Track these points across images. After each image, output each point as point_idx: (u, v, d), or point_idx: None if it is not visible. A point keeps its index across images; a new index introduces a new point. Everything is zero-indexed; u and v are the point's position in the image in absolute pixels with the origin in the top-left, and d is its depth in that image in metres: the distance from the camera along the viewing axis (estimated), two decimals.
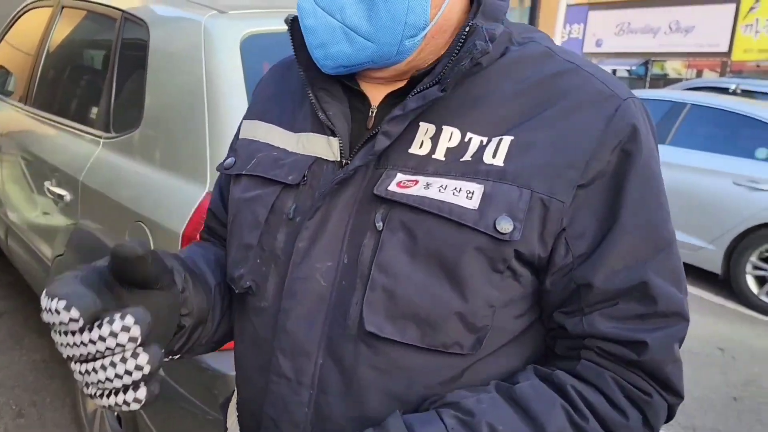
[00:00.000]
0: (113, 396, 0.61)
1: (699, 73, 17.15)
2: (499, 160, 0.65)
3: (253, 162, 0.80)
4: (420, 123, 0.69)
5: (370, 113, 0.73)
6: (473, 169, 0.66)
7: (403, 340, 0.66)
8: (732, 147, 4.91)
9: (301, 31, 0.73)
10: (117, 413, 2.08)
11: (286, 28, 0.78)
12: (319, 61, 0.70)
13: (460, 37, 0.68)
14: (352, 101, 0.75)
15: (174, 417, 1.74)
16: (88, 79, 2.55)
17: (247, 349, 0.79)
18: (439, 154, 0.68)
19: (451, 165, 0.67)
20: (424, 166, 0.68)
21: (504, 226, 0.63)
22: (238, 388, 0.84)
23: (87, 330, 0.59)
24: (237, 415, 0.85)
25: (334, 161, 0.73)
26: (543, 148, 0.65)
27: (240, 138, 0.87)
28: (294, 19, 0.76)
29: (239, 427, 0.84)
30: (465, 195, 0.65)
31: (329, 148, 0.73)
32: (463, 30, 0.68)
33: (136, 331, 0.58)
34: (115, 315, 0.58)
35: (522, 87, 0.69)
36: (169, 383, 1.73)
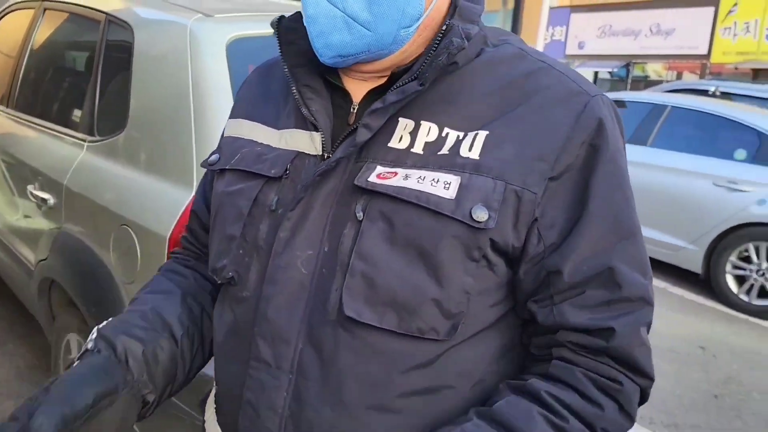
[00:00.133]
0: None
1: (679, 75, 17.36)
2: (475, 154, 0.69)
3: (237, 157, 0.82)
4: (399, 119, 0.72)
5: (352, 109, 0.76)
6: (450, 162, 0.69)
7: (381, 325, 0.69)
8: (711, 148, 4.99)
9: (287, 31, 0.77)
10: None
11: (272, 31, 0.80)
12: (319, 51, 0.72)
13: (438, 36, 0.72)
14: (334, 98, 0.78)
15: (162, 423, 1.73)
16: (71, 81, 2.53)
17: (226, 338, 0.81)
18: (418, 148, 0.71)
19: (429, 158, 0.70)
20: (403, 159, 0.71)
21: (479, 214, 0.66)
22: (216, 377, 0.85)
23: None
24: (215, 407, 0.87)
25: (316, 155, 0.75)
26: (516, 143, 0.69)
27: (224, 136, 0.89)
28: (280, 19, 0.79)
29: (216, 416, 0.85)
30: (442, 186, 0.68)
31: (311, 143, 0.76)
32: (441, 29, 0.72)
33: None
34: None
35: (496, 85, 0.73)
36: None
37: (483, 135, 0.70)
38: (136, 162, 1.85)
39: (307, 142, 0.76)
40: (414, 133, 0.71)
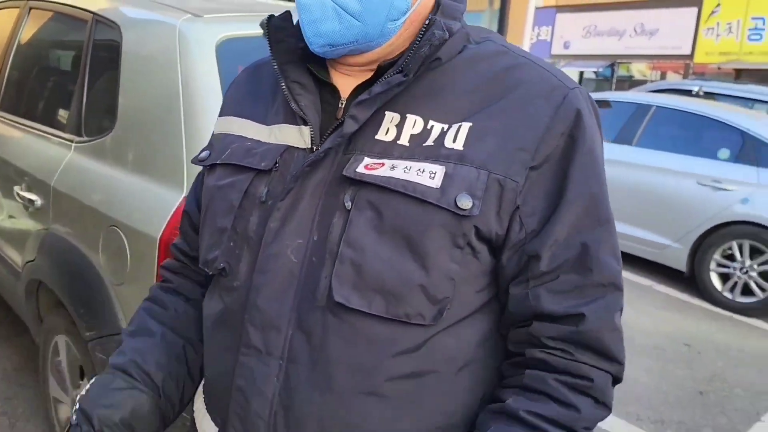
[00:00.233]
0: None
1: (663, 75, 17.52)
2: (459, 145, 0.71)
3: (227, 152, 0.84)
4: (386, 112, 0.75)
5: (340, 104, 0.79)
6: (435, 153, 0.72)
7: (370, 310, 0.71)
8: (696, 148, 5.04)
9: (276, 30, 0.80)
10: None
11: (261, 32, 0.82)
12: (309, 39, 0.74)
13: (422, 31, 0.75)
14: (322, 94, 0.80)
15: None
16: (58, 81, 2.51)
17: (216, 327, 0.83)
18: (404, 140, 0.73)
19: (415, 149, 0.72)
20: (389, 150, 0.73)
21: (464, 202, 0.69)
22: (206, 366, 0.88)
23: None
24: (203, 397, 0.88)
25: (305, 148, 0.77)
26: (498, 134, 0.72)
27: (215, 133, 0.91)
28: (270, 18, 0.82)
29: (206, 405, 0.87)
30: (428, 175, 0.70)
31: (300, 137, 0.78)
32: (425, 24, 0.75)
33: None
34: None
35: (479, 79, 0.75)
36: None
37: (466, 127, 0.72)
38: (125, 162, 1.85)
39: (296, 136, 0.78)
40: (400, 126, 0.74)
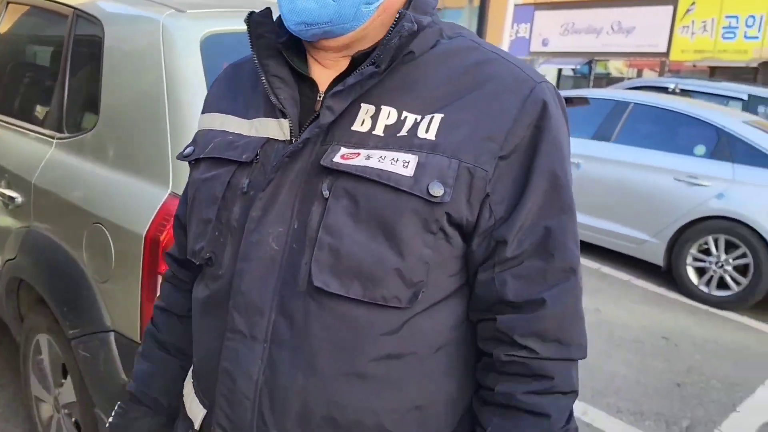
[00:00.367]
0: None
1: (639, 73, 17.73)
2: (431, 135, 0.75)
3: (210, 147, 0.87)
4: (362, 104, 0.78)
5: (318, 98, 0.82)
6: (409, 143, 0.75)
7: (348, 294, 0.74)
8: (672, 144, 5.12)
9: (257, 26, 0.82)
10: (76, 419, 2.03)
11: (246, 28, 0.84)
12: (285, 16, 0.77)
13: (393, 24, 0.78)
14: (301, 88, 0.82)
15: None
16: (38, 77, 2.47)
17: (204, 313, 0.87)
18: (379, 131, 0.76)
19: (389, 139, 0.76)
20: (365, 141, 0.76)
21: (436, 190, 0.72)
22: (195, 351, 0.91)
23: None
24: (193, 381, 0.92)
25: (285, 140, 0.80)
26: (469, 125, 0.75)
27: (198, 130, 0.94)
28: (251, 14, 0.84)
29: (194, 388, 0.90)
30: (402, 164, 0.73)
31: (280, 129, 0.81)
32: (396, 18, 0.78)
33: None
34: None
35: (451, 73, 0.78)
36: None
37: (439, 118, 0.75)
38: (108, 159, 1.83)
39: (276, 129, 0.81)
40: (375, 117, 0.77)
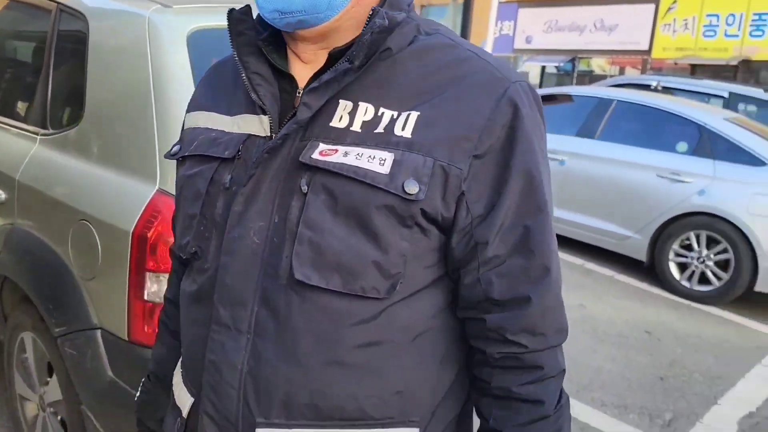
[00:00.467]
0: None
1: (622, 70, 17.87)
2: (408, 133, 0.76)
3: (194, 144, 0.89)
4: (339, 100, 0.79)
5: (297, 94, 0.83)
6: (385, 140, 0.76)
7: (328, 286, 0.76)
8: (655, 141, 5.18)
9: (237, 23, 0.83)
10: (61, 417, 2.02)
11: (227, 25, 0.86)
12: (260, 3, 0.78)
13: (367, 21, 0.79)
14: (281, 84, 0.83)
15: (126, 419, 1.70)
16: (20, 73, 2.44)
17: (191, 306, 0.89)
18: (356, 126, 0.78)
19: (367, 135, 0.77)
20: (343, 137, 0.78)
21: (411, 188, 0.74)
22: (182, 342, 0.93)
23: None
24: (182, 371, 0.94)
25: (265, 136, 0.82)
26: (444, 124, 0.77)
27: (184, 129, 0.96)
28: (231, 11, 0.85)
29: (183, 378, 0.92)
30: (378, 162, 0.75)
31: (261, 125, 0.82)
32: (369, 15, 0.80)
33: None
34: None
35: (428, 70, 0.80)
36: (119, 384, 1.70)
37: (415, 116, 0.77)
38: (94, 155, 1.81)
39: (257, 125, 0.83)
40: (353, 113, 0.78)
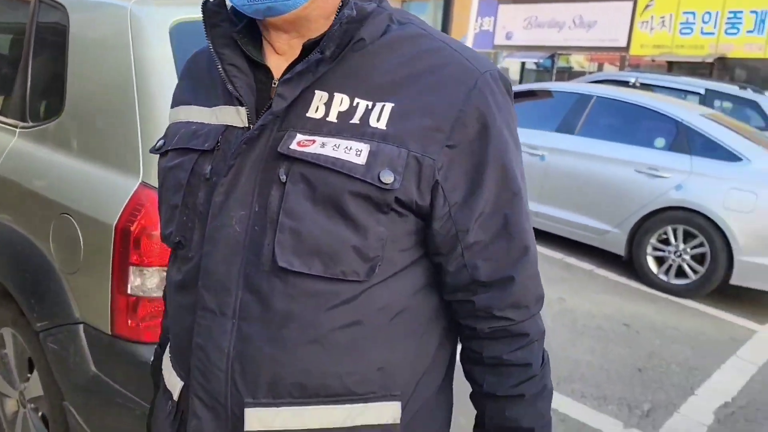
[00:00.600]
0: None
1: (600, 67, 18.05)
2: (382, 124, 0.79)
3: (176, 138, 0.91)
4: (315, 91, 0.81)
5: (273, 85, 0.84)
6: (361, 131, 0.79)
7: (310, 271, 0.79)
8: (633, 137, 5.24)
9: (211, 15, 0.85)
10: (43, 413, 2.00)
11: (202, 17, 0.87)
12: None
13: (337, 13, 0.82)
14: (257, 75, 0.85)
15: (109, 414, 1.70)
16: None
17: (177, 293, 0.91)
18: (332, 117, 0.80)
19: (343, 126, 0.79)
20: (319, 127, 0.80)
21: (386, 177, 0.77)
22: (170, 328, 0.96)
23: None
24: (170, 356, 0.95)
25: (243, 127, 0.84)
26: (417, 115, 0.79)
27: (169, 124, 0.98)
28: (205, 3, 0.86)
29: (172, 362, 0.95)
30: (354, 153, 0.78)
31: (238, 117, 0.84)
32: (339, 7, 0.82)
33: None
34: None
35: (401, 60, 0.82)
36: (102, 379, 1.69)
37: (389, 107, 0.79)
38: (75, 148, 1.80)
39: (234, 116, 0.84)
40: (328, 104, 0.80)
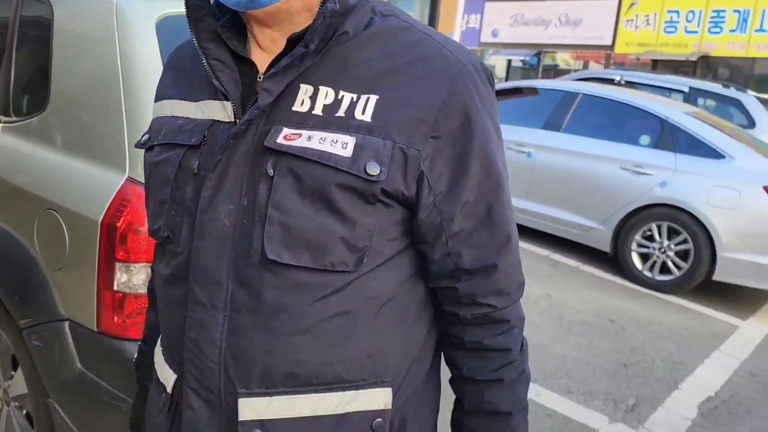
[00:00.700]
0: None
1: (586, 65, 18.16)
2: (367, 117, 0.79)
3: (162, 133, 0.91)
4: (300, 85, 0.81)
5: (258, 79, 0.84)
6: (346, 124, 0.79)
7: (299, 264, 0.80)
8: (619, 134, 5.28)
9: (195, 9, 0.84)
10: (27, 411, 1.98)
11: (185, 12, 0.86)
12: None
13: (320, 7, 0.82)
14: (242, 70, 0.85)
15: (95, 411, 1.68)
16: None
17: (167, 288, 0.91)
18: (318, 110, 0.81)
19: (328, 119, 0.80)
20: (305, 120, 0.80)
21: (373, 169, 0.78)
22: (161, 322, 0.96)
23: None
24: (161, 349, 0.97)
25: (229, 122, 0.84)
26: (401, 107, 0.80)
27: (153, 119, 0.98)
28: None
29: (164, 356, 0.95)
30: (341, 146, 0.78)
31: (224, 111, 0.84)
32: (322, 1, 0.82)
33: None
34: None
35: (384, 52, 0.83)
36: (88, 376, 1.68)
37: (374, 99, 0.80)
38: (60, 143, 1.78)
39: (221, 111, 0.85)
40: (314, 97, 0.81)
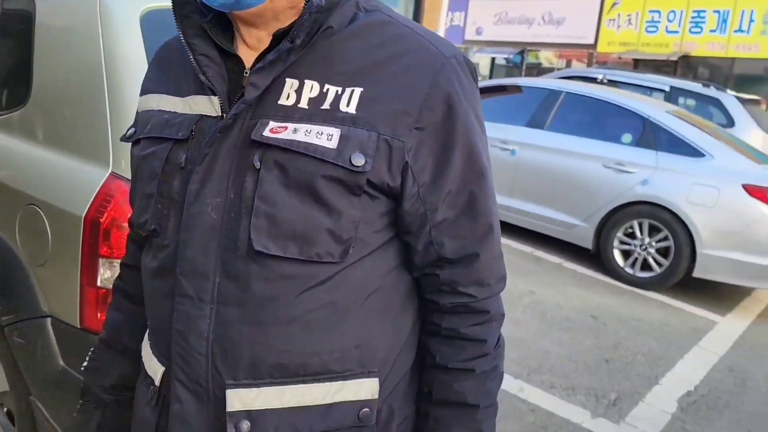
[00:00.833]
0: None
1: (568, 63, 18.29)
2: (352, 109, 0.80)
3: (148, 126, 0.91)
4: (286, 79, 0.82)
5: (245, 74, 0.85)
6: (332, 116, 0.80)
7: (286, 255, 0.80)
8: (601, 132, 5.34)
9: (181, 5, 0.85)
10: (8, 409, 1.96)
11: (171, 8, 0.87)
12: None
13: (306, 2, 0.83)
14: (229, 65, 0.86)
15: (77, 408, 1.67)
16: None
17: (154, 281, 0.91)
18: (303, 103, 0.82)
19: (314, 112, 0.81)
20: (291, 114, 0.81)
21: (358, 160, 0.79)
22: (148, 314, 0.97)
23: None
24: (149, 342, 0.97)
25: (216, 116, 0.85)
26: (386, 99, 0.81)
27: (138, 112, 0.98)
28: None
29: (152, 349, 0.95)
30: (326, 137, 0.79)
31: (211, 106, 0.85)
32: None
33: None
34: None
35: (368, 46, 0.84)
36: (70, 373, 1.66)
37: (358, 92, 0.81)
38: (42, 138, 1.76)
39: (208, 106, 0.85)
40: (299, 91, 0.82)
